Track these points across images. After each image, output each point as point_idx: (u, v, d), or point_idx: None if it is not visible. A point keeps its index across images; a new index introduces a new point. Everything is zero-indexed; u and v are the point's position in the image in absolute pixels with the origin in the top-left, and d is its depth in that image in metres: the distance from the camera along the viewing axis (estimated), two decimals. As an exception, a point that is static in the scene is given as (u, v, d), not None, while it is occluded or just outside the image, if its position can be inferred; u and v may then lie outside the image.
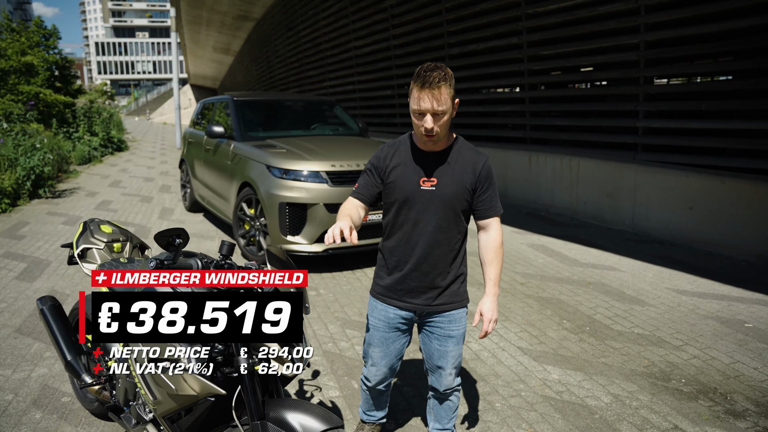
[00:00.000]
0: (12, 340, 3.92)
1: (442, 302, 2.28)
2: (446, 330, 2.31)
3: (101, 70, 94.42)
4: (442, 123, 2.05)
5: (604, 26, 7.05)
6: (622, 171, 6.95)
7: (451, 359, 2.33)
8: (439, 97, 1.99)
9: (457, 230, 2.25)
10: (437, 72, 1.98)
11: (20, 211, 8.31)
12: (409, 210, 2.21)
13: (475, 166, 2.19)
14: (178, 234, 1.83)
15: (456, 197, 2.18)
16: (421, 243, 2.21)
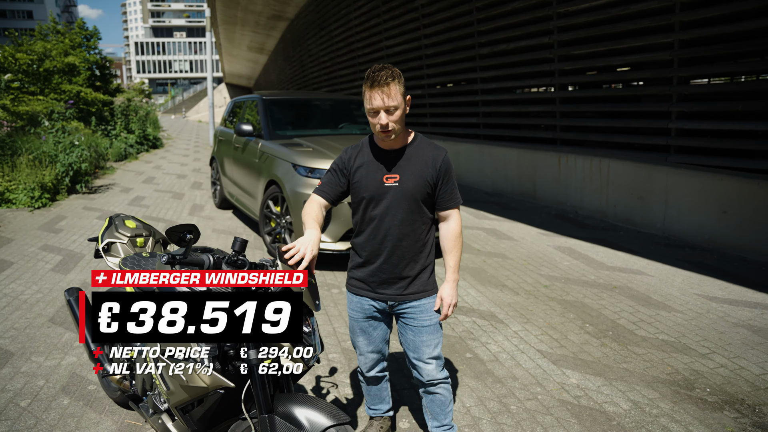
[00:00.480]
0: (45, 329, 4.07)
1: (412, 291, 2.37)
2: (419, 320, 2.39)
3: (140, 69, 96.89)
4: (395, 118, 2.18)
5: (638, 25, 6.89)
6: (654, 173, 6.78)
7: (428, 349, 2.39)
8: (389, 93, 2.14)
9: (421, 221, 2.34)
10: (385, 71, 2.14)
11: (59, 205, 8.61)
12: (375, 207, 2.33)
13: (434, 160, 2.30)
14: (189, 230, 1.88)
15: (418, 190, 2.29)
16: (389, 236, 2.32)
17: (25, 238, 6.59)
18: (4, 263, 5.64)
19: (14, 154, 9.12)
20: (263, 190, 6.22)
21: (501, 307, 4.55)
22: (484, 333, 4.04)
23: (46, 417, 2.96)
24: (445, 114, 11.90)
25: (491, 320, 4.27)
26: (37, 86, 13.85)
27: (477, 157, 10.36)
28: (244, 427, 1.99)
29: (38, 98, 12.91)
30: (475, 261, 5.83)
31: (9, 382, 3.31)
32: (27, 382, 3.32)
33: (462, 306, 4.57)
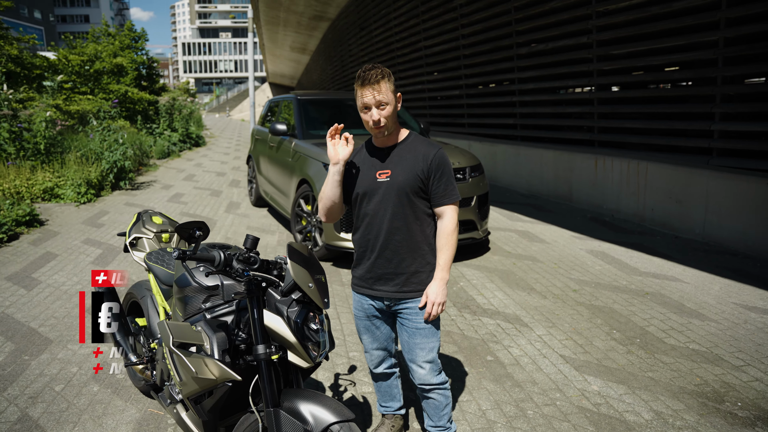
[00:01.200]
0: (81, 320, 4.25)
1: (409, 289, 2.36)
2: (413, 322, 2.38)
3: (187, 69, 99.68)
4: (386, 114, 2.24)
5: (680, 23, 6.67)
6: (694, 176, 6.55)
7: (421, 352, 2.38)
8: (379, 90, 2.21)
9: (414, 217, 2.34)
10: (375, 70, 2.22)
11: (103, 201, 8.97)
12: (368, 202, 2.37)
13: (426, 155, 2.32)
14: (198, 226, 1.94)
15: (408, 184, 2.31)
16: (381, 231, 2.34)
17: (70, 232, 6.90)
18: (50, 255, 5.92)
19: (64, 152, 9.55)
20: (295, 188, 6.32)
21: (527, 310, 4.49)
22: (507, 336, 3.99)
23: (77, 402, 3.10)
24: (482, 114, 11.80)
25: (516, 323, 4.23)
26: (88, 86, 14.46)
27: (513, 159, 10.24)
28: (252, 420, 2.04)
29: (88, 98, 13.48)
30: (505, 263, 5.77)
31: (47, 368, 3.49)
32: (62, 368, 3.49)
33: (487, 308, 4.54)
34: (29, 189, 8.28)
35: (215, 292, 2.22)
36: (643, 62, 7.29)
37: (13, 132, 8.76)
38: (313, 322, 2.02)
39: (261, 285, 2.00)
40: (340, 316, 4.39)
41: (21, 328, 4.09)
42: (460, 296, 4.81)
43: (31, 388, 3.25)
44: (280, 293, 2.01)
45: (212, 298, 2.21)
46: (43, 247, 6.20)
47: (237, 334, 2.07)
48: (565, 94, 9.37)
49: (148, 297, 2.94)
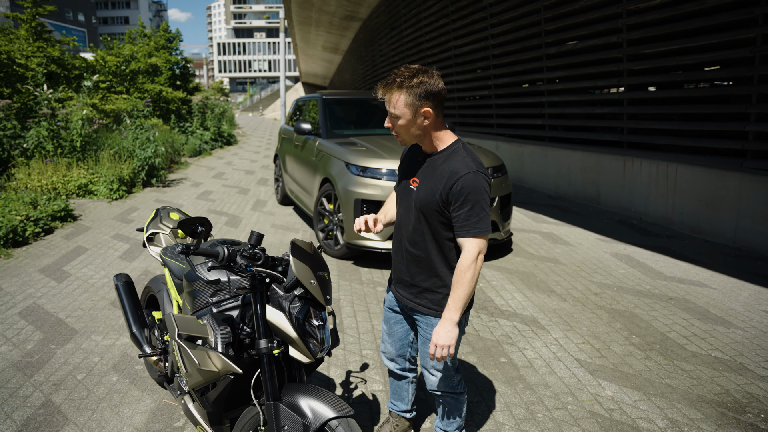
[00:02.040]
0: (106, 312, 4.39)
1: (420, 303, 2.27)
2: (426, 332, 2.31)
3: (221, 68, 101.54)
4: (399, 126, 2.09)
5: (714, 20, 6.47)
6: (726, 179, 6.35)
7: (431, 361, 2.32)
8: (389, 100, 2.05)
9: (432, 236, 2.16)
10: (394, 76, 2.04)
11: (134, 197, 9.22)
12: (400, 206, 2.30)
13: (451, 176, 2.04)
14: (201, 222, 1.99)
15: (426, 203, 2.11)
16: (403, 239, 2.28)
17: (101, 227, 7.12)
18: (81, 249, 6.12)
19: (98, 150, 9.85)
20: (318, 187, 6.38)
21: (545, 312, 4.44)
22: (522, 338, 3.96)
23: (97, 390, 3.20)
24: (510, 115, 11.69)
25: (532, 326, 4.18)
26: (124, 86, 14.88)
27: (540, 160, 10.11)
28: (254, 413, 2.07)
29: (124, 97, 13.87)
30: (526, 265, 5.71)
31: (71, 357, 3.61)
32: (85, 357, 3.61)
33: (505, 310, 4.50)
34: (65, 185, 8.58)
35: (222, 287, 2.26)
36: (674, 61, 7.10)
37: (51, 130, 9.09)
38: (315, 318, 2.04)
39: (264, 281, 2.03)
40: (357, 314, 4.41)
41: (50, 318, 4.24)
42: (479, 297, 4.78)
43: (56, 375, 3.37)
44: (283, 289, 2.04)
45: (219, 293, 2.26)
46: (74, 242, 6.42)
47: (242, 328, 2.11)
48: (594, 95, 9.20)
49: (164, 291, 3.01)
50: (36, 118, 9.21)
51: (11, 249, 6.04)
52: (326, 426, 1.93)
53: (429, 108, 2.03)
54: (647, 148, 7.95)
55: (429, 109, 2.04)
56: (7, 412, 2.98)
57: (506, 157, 11.11)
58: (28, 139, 8.88)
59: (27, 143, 8.89)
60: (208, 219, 2.04)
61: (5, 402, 3.07)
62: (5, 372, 3.40)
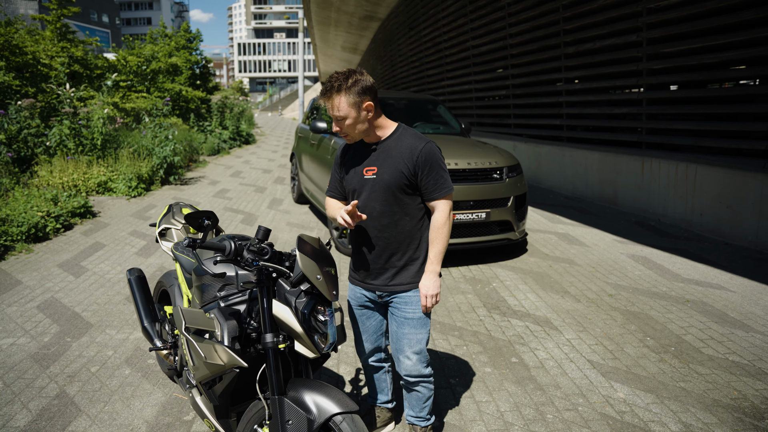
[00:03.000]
0: (121, 306, 4.46)
1: (397, 282, 2.38)
2: (403, 312, 2.39)
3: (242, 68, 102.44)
4: (347, 126, 2.25)
5: (737, 18, 6.34)
6: (747, 180, 6.22)
7: (408, 342, 2.40)
8: (332, 105, 2.21)
9: (402, 213, 2.33)
10: (330, 83, 2.19)
11: (152, 195, 9.34)
12: (358, 198, 2.37)
13: (412, 151, 2.28)
14: (207, 216, 2.00)
15: (393, 182, 2.28)
16: (370, 228, 2.35)
17: (119, 224, 7.22)
18: (99, 245, 6.22)
19: (118, 148, 10.01)
20: (332, 185, 6.38)
21: (558, 313, 4.39)
22: (534, 339, 3.92)
23: (109, 383, 3.25)
24: (528, 115, 11.59)
25: (545, 326, 4.14)
26: (144, 85, 15.10)
27: (558, 160, 10.00)
28: (259, 407, 2.09)
29: (144, 96, 14.07)
30: (541, 265, 5.66)
31: (85, 350, 3.67)
32: (99, 351, 3.66)
33: (517, 310, 4.46)
34: (85, 182, 8.72)
35: (230, 281, 2.28)
36: (695, 60, 6.97)
37: (73, 129, 9.25)
38: (321, 314, 2.05)
39: (271, 275, 2.04)
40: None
41: (66, 312, 4.32)
42: (492, 297, 4.75)
43: (71, 367, 3.43)
44: (289, 284, 2.05)
45: (227, 287, 2.27)
46: (93, 238, 6.52)
47: (248, 322, 2.13)
48: (612, 94, 9.07)
49: (175, 286, 3.05)
50: (58, 116, 9.38)
51: (32, 244, 6.16)
52: (330, 421, 1.94)
53: (370, 101, 2.23)
54: (666, 148, 7.83)
55: (370, 102, 2.24)
56: (23, 401, 3.04)
57: (523, 157, 11.03)
58: (50, 137, 9.06)
59: (49, 141, 9.06)
60: (214, 212, 2.06)
61: (22, 392, 3.13)
62: (23, 363, 3.47)
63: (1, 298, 4.60)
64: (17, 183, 7.95)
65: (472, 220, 5.56)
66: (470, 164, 5.61)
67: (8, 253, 5.80)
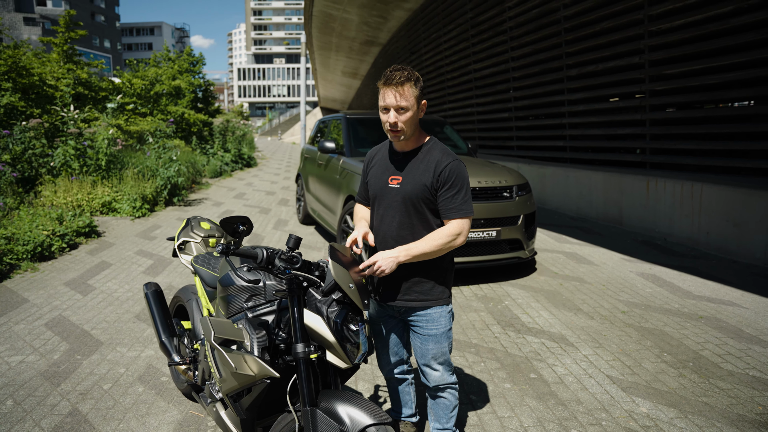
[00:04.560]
0: (131, 324, 4.41)
1: (412, 299, 2.31)
2: (425, 329, 2.34)
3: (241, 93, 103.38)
4: (406, 119, 2.17)
5: (739, 39, 6.45)
6: (753, 199, 6.25)
7: (434, 356, 2.36)
8: (401, 93, 2.14)
9: (422, 227, 2.27)
10: (401, 72, 2.15)
11: (156, 215, 9.32)
12: (378, 206, 2.34)
13: (437, 165, 2.22)
14: (243, 221, 1.99)
15: (416, 194, 2.23)
16: (388, 239, 2.30)
17: (124, 244, 7.19)
18: (105, 264, 6.18)
19: (122, 168, 10.02)
20: (342, 205, 6.39)
21: (573, 330, 4.36)
22: (551, 355, 3.88)
23: (123, 401, 3.19)
24: (531, 137, 11.68)
25: (561, 343, 4.10)
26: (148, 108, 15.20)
27: (562, 181, 10.05)
28: (289, 419, 2.04)
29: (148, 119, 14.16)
30: (551, 284, 5.63)
31: (96, 368, 3.61)
32: (111, 368, 3.61)
33: (532, 327, 4.43)
34: (89, 202, 8.71)
35: (257, 292, 2.25)
36: (697, 81, 7.06)
37: (78, 149, 9.28)
38: (353, 323, 2.02)
39: (302, 284, 2.02)
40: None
41: (75, 329, 4.27)
42: (505, 314, 4.72)
43: (82, 385, 3.37)
44: (321, 293, 2.03)
45: (254, 297, 2.25)
46: (99, 257, 6.49)
47: (277, 333, 2.10)
48: (616, 115, 9.15)
49: (193, 300, 3.02)
50: (63, 137, 9.41)
51: (38, 263, 6.12)
52: (363, 432, 1.89)
53: (425, 101, 2.24)
54: (671, 168, 7.87)
55: (425, 102, 2.25)
56: (35, 419, 2.98)
57: (527, 178, 11.07)
58: (55, 157, 9.08)
59: (54, 161, 9.08)
60: (249, 218, 2.05)
61: (33, 410, 3.07)
62: (33, 381, 3.41)
63: (9, 316, 4.55)
64: (21, 202, 7.94)
65: (483, 238, 5.56)
66: (480, 183, 5.62)
67: (14, 271, 5.76)
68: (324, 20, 22.80)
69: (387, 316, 2.46)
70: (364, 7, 19.20)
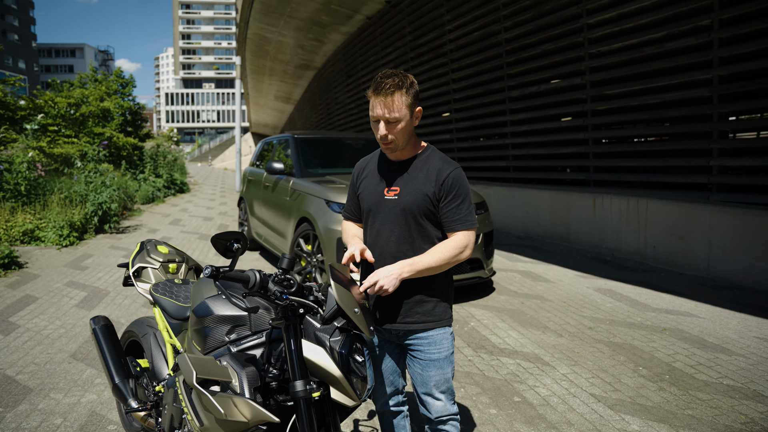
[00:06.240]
0: (66, 365, 3.90)
1: (413, 320, 2.10)
2: (427, 353, 2.12)
3: (169, 118, 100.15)
4: (397, 131, 1.99)
5: (674, 62, 6.77)
6: (696, 212, 6.50)
7: (436, 384, 2.14)
8: (391, 105, 1.95)
9: (423, 241, 2.08)
10: (391, 79, 1.95)
11: (86, 244, 8.60)
12: (374, 221, 2.15)
13: (439, 173, 2.05)
14: (236, 238, 1.72)
15: (417, 205, 2.05)
16: (386, 255, 2.09)
17: (52, 275, 6.53)
18: (30, 298, 5.55)
19: (46, 194, 9.22)
20: (294, 228, 6.10)
21: (545, 349, 4.26)
22: (530, 376, 3.75)
23: (64, 457, 2.75)
24: (474, 158, 11.80)
25: (536, 362, 3.98)
26: (73, 130, 14.22)
27: (507, 201, 10.17)
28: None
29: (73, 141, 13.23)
30: (513, 303, 5.56)
31: (25, 420, 3.12)
32: (44, 420, 3.13)
33: (503, 348, 4.29)
34: (8, 231, 7.91)
35: (241, 322, 1.96)
36: (638, 101, 7.35)
37: (-7, 173, 8.46)
38: (357, 354, 1.78)
39: (298, 311, 1.76)
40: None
41: (-2, 375, 3.72)
42: (473, 336, 4.57)
43: (11, 441, 2.89)
44: (320, 320, 1.78)
45: (237, 329, 1.95)
46: (21, 290, 5.83)
47: (268, 369, 1.82)
48: (559, 134, 9.39)
49: (150, 335, 2.66)
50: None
51: (-51, 301, 5.41)
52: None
53: (420, 108, 2.05)
54: (616, 185, 8.11)
55: (420, 109, 2.05)
56: (-45, 487, 2.49)
57: (471, 198, 11.14)
58: (-34, 183, 8.23)
59: (-35, 188, 8.22)
60: (244, 235, 1.78)
61: (-48, 475, 2.58)
62: (-50, 439, 2.90)
63: None
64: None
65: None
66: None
67: None
68: (258, 43, 22.46)
69: (383, 340, 2.22)
70: (301, 30, 19.07)
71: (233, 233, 1.72)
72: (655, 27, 7.00)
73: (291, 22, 18.35)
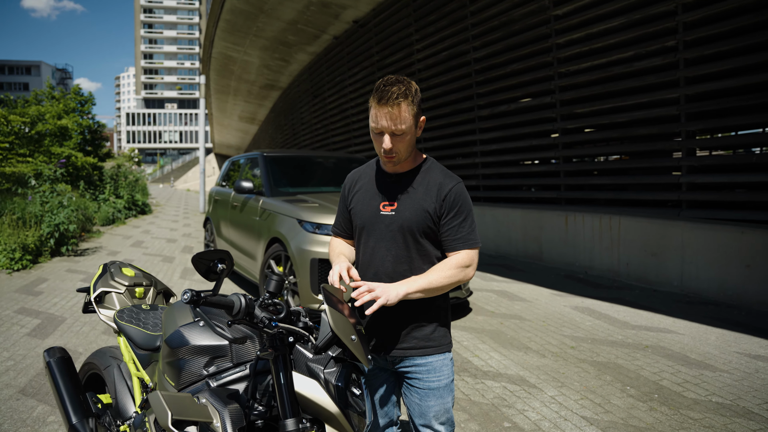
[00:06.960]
0: (14, 402, 3.57)
1: (411, 346, 1.94)
2: (425, 381, 1.96)
3: (130, 139, 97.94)
4: (402, 143, 1.84)
5: (642, 81, 6.88)
6: (668, 229, 6.56)
7: (436, 415, 1.97)
8: (398, 116, 1.78)
9: (422, 261, 1.93)
10: (397, 87, 1.77)
11: (40, 268, 8.13)
12: (368, 238, 1.98)
13: (440, 188, 1.90)
14: (221, 258, 1.53)
15: (416, 222, 1.90)
16: (381, 276, 1.92)
17: (0, 301, 6.09)
18: (-23, 328, 5.13)
19: (-3, 215, 8.73)
20: (264, 249, 5.86)
21: (530, 370, 4.13)
22: (518, 399, 3.60)
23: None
24: (442, 176, 11.75)
25: (522, 385, 3.85)
26: (28, 148, 13.61)
27: (478, 220, 10.08)
28: None
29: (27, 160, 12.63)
30: (492, 323, 5.44)
31: (-30, 464, 2.81)
32: (-8, 463, 2.82)
33: (487, 370, 4.15)
34: (-46, 256, 7.41)
35: (221, 353, 1.75)
36: (607, 119, 7.44)
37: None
38: (354, 386, 1.60)
39: (287, 340, 1.58)
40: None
41: (-60, 414, 3.36)
42: (455, 359, 4.41)
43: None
44: (312, 349, 1.60)
45: (217, 361, 1.75)
46: (-31, 320, 5.40)
47: (253, 406, 1.62)
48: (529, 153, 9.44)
49: (114, 367, 2.41)
50: None
51: None
52: None
53: (424, 117, 1.90)
54: (587, 203, 8.16)
55: (424, 118, 1.90)
56: None
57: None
58: None
59: None
60: (229, 253, 1.59)
61: None
62: None
63: None
64: None
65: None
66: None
67: None
68: (223, 62, 22.19)
69: (376, 368, 2.04)
70: (267, 49, 18.92)
71: (217, 252, 1.53)
72: (623, 47, 7.13)
73: (257, 41, 18.18)
